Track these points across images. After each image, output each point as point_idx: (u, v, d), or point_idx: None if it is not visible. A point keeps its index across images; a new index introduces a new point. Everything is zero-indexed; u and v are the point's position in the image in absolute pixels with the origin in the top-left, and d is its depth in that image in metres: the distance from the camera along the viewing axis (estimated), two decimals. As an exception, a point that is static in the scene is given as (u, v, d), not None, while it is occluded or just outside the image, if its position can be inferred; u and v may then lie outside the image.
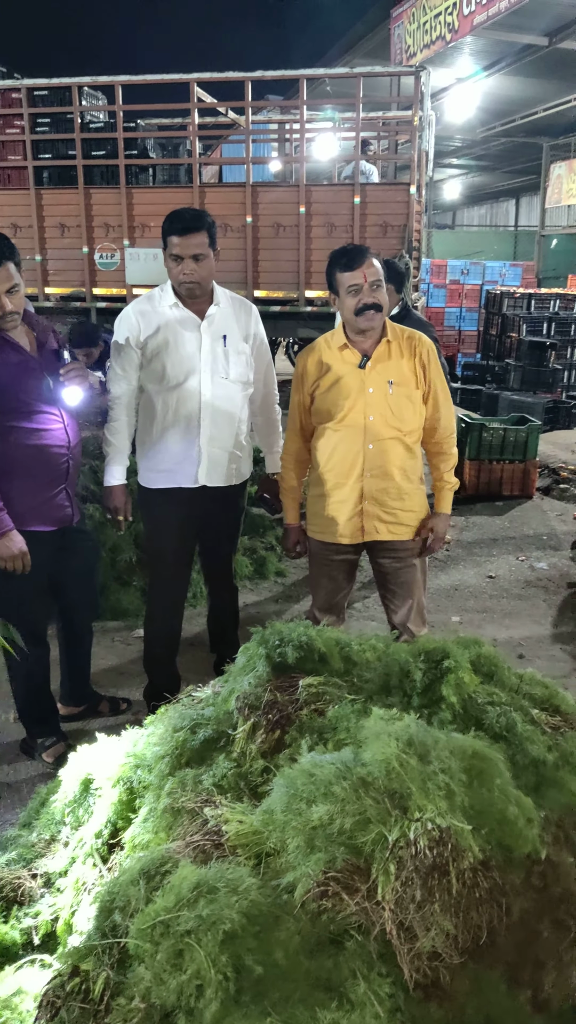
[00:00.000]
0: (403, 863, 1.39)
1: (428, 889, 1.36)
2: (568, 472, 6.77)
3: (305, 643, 1.89)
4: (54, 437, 2.65)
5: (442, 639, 1.85)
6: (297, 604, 4.20)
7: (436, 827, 1.40)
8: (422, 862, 1.37)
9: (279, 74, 8.05)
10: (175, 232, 2.63)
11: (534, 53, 11.85)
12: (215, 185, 8.53)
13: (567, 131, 16.92)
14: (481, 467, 6.02)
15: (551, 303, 10.82)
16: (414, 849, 1.38)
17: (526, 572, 4.75)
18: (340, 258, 2.56)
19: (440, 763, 1.51)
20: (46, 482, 2.67)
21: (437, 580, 4.58)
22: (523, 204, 25.73)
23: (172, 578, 3.02)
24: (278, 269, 7.96)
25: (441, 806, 1.43)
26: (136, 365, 2.83)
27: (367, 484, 2.64)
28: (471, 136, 17.62)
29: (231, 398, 2.84)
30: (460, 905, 1.37)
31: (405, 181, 7.82)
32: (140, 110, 8.41)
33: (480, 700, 1.71)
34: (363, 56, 14.38)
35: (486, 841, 1.44)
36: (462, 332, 12.73)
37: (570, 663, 3.67)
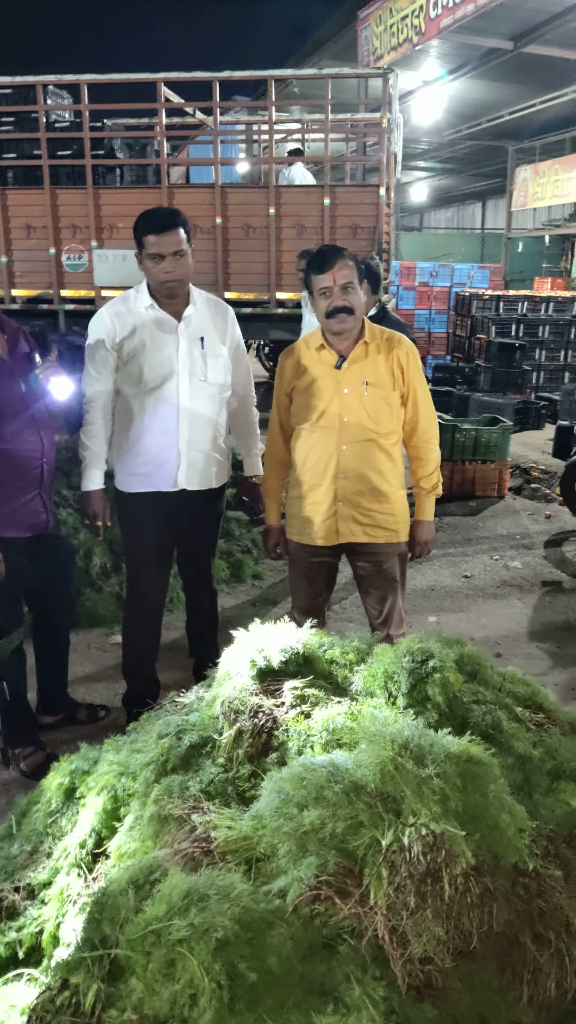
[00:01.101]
0: (396, 868, 1.39)
1: (421, 895, 1.36)
2: (539, 472, 6.86)
3: (289, 646, 1.88)
4: (28, 442, 2.61)
5: (426, 640, 1.86)
6: (275, 607, 4.19)
7: (430, 832, 1.39)
8: (416, 868, 1.37)
9: (247, 74, 8.05)
10: (152, 231, 2.60)
11: (499, 57, 11.99)
12: (184, 186, 8.50)
13: (532, 135, 17.16)
14: (454, 468, 6.07)
15: (519, 305, 10.95)
16: (408, 854, 1.38)
17: (501, 571, 4.80)
18: (314, 260, 2.56)
19: (435, 767, 1.51)
20: (20, 488, 2.63)
21: (413, 581, 4.60)
22: (489, 207, 26.03)
23: (150, 583, 2.99)
24: (248, 271, 7.95)
25: (435, 811, 1.43)
26: (112, 367, 2.80)
27: (341, 485, 2.63)
28: (438, 139, 17.78)
29: (209, 401, 2.82)
30: (452, 911, 1.37)
31: (374, 183, 7.87)
32: (107, 109, 8.33)
33: (465, 699, 1.71)
34: (330, 58, 14.42)
35: (478, 847, 1.44)
36: (432, 334, 12.82)
37: (547, 661, 3.71)
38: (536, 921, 1.43)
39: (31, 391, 2.65)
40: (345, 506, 2.65)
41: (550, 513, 5.85)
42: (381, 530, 2.69)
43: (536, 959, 1.41)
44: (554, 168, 16.33)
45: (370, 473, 2.63)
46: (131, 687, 3.07)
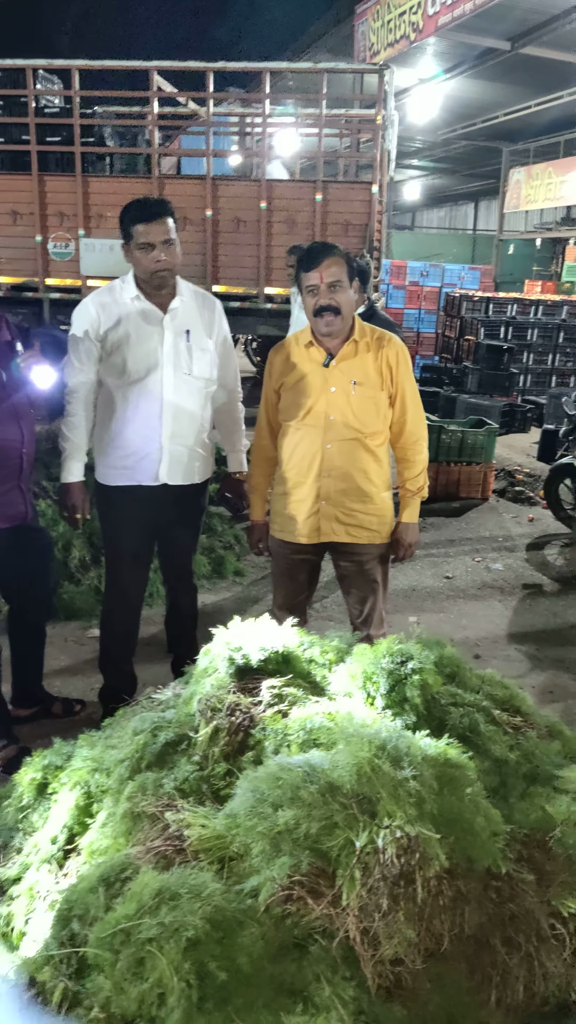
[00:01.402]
0: (369, 870, 1.38)
1: (394, 897, 1.36)
2: (523, 475, 6.89)
3: (268, 644, 1.87)
4: (7, 432, 2.57)
5: (406, 641, 1.86)
6: (256, 604, 4.18)
7: (405, 835, 1.39)
8: (389, 870, 1.37)
9: (242, 66, 8.01)
10: (143, 219, 2.57)
11: (496, 57, 11.98)
12: (175, 177, 8.45)
13: (527, 137, 17.17)
14: (439, 468, 6.08)
15: (508, 307, 10.99)
16: (382, 856, 1.38)
17: (482, 573, 4.81)
18: (304, 256, 2.54)
19: (412, 769, 1.50)
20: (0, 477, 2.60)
21: (395, 581, 4.60)
22: (482, 208, 26.07)
23: (130, 577, 2.97)
24: (238, 264, 7.92)
25: (411, 813, 1.43)
26: (95, 358, 2.76)
27: (324, 484, 2.62)
28: (432, 138, 17.77)
29: (194, 395, 2.79)
30: (424, 914, 1.37)
31: (367, 180, 7.85)
32: (97, 96, 8.25)
33: (443, 701, 1.71)
34: (326, 52, 14.37)
35: (452, 849, 1.44)
36: (420, 334, 12.84)
37: (525, 663, 3.72)
38: (507, 925, 1.44)
39: (11, 380, 2.61)
40: (328, 505, 2.64)
41: (533, 516, 5.88)
42: (364, 530, 2.68)
43: (506, 962, 1.41)
44: (548, 171, 16.37)
45: (354, 473, 2.62)
46: (108, 682, 3.05)
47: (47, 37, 23.13)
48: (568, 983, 1.42)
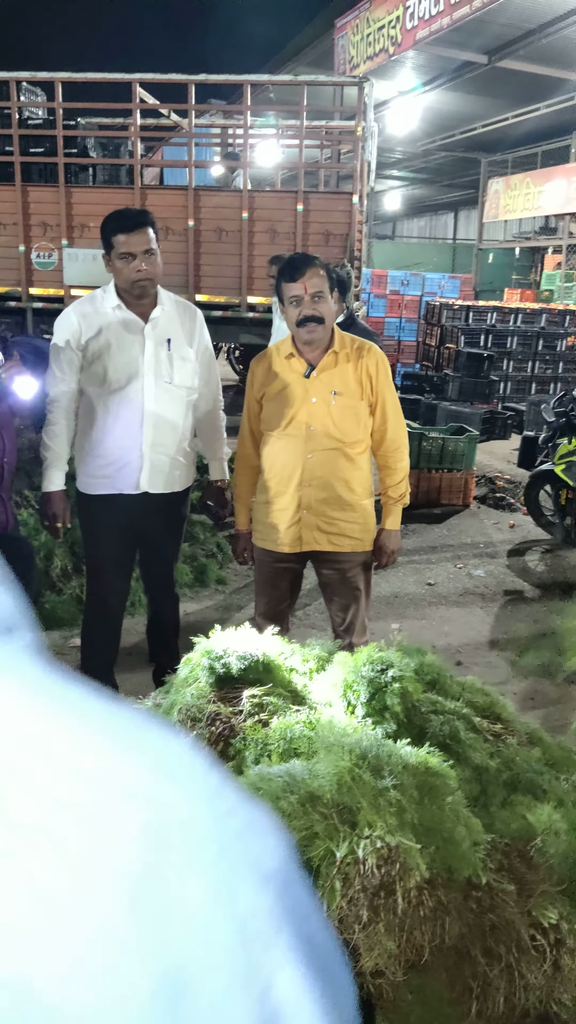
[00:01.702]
0: (350, 881, 1.38)
1: (374, 908, 1.35)
2: (504, 481, 6.94)
3: (249, 653, 1.87)
4: None
5: (387, 648, 1.86)
6: (239, 612, 4.18)
7: (385, 845, 1.39)
8: (369, 880, 1.36)
9: (223, 78, 8.05)
10: (123, 230, 2.58)
11: (474, 70, 12.16)
12: (157, 187, 8.46)
13: (505, 148, 17.43)
14: (420, 476, 6.11)
15: (488, 315, 11.08)
16: (362, 867, 1.37)
17: (464, 580, 4.83)
18: (285, 268, 2.55)
19: (393, 779, 1.50)
20: None
21: (377, 588, 4.61)
22: (462, 218, 26.34)
23: (111, 586, 2.96)
24: (220, 274, 7.94)
25: (391, 823, 1.42)
26: (76, 367, 2.77)
27: (306, 494, 2.63)
28: (412, 149, 17.97)
29: (175, 403, 2.80)
30: (404, 924, 1.37)
31: (348, 191, 7.91)
32: (81, 108, 8.28)
33: (424, 709, 1.72)
34: (307, 65, 14.51)
35: (432, 859, 1.44)
36: (401, 342, 12.92)
37: (507, 669, 3.74)
38: (487, 935, 1.43)
39: (4, 385, 2.62)
40: (309, 514, 2.65)
41: (514, 523, 5.92)
42: (346, 539, 2.69)
43: (486, 973, 1.41)
44: (526, 181, 16.58)
45: (335, 482, 2.63)
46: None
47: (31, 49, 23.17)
48: (549, 994, 1.42)
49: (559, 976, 1.40)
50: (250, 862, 0.33)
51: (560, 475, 5.15)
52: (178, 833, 0.32)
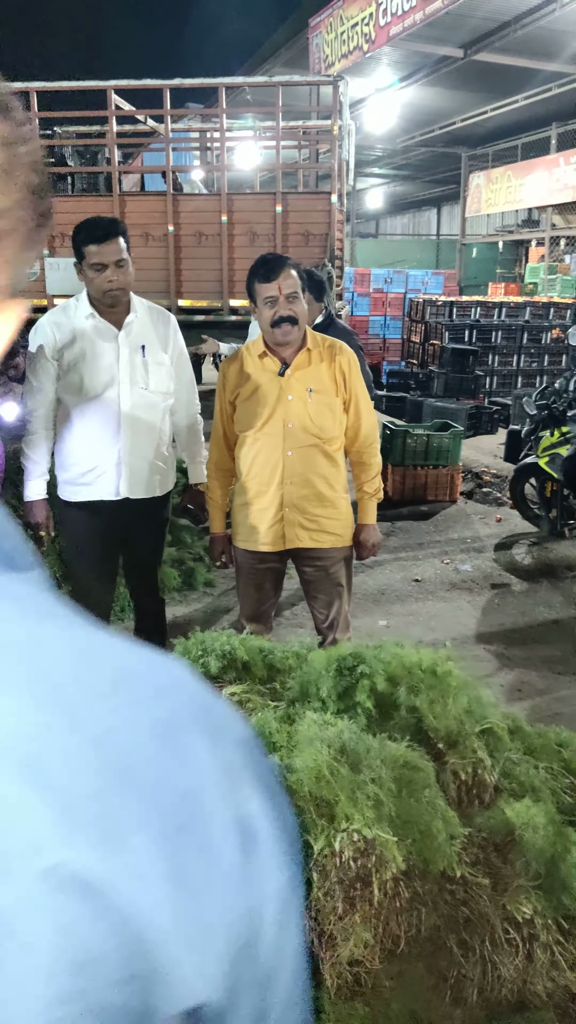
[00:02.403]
0: (326, 873, 1.40)
1: (350, 900, 1.38)
2: (490, 476, 6.97)
3: (228, 652, 1.89)
4: None
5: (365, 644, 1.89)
6: (227, 615, 4.20)
7: (362, 838, 1.41)
8: (345, 873, 1.39)
9: (197, 82, 8.07)
10: (94, 240, 2.61)
11: (450, 64, 12.20)
12: (136, 194, 8.48)
13: (484, 141, 17.47)
14: (406, 473, 6.14)
15: (472, 311, 11.13)
16: (338, 860, 1.40)
17: (451, 575, 4.87)
18: (259, 268, 2.57)
19: (371, 772, 1.52)
20: None
21: (364, 585, 4.65)
22: (444, 213, 26.40)
23: (95, 592, 2.98)
24: (201, 278, 7.96)
25: (368, 816, 1.45)
26: (53, 377, 2.79)
27: (287, 491, 2.65)
28: (391, 146, 18.02)
29: (151, 409, 2.83)
30: (381, 916, 1.39)
31: (326, 190, 7.94)
32: (56, 117, 8.29)
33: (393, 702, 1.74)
34: (283, 65, 14.54)
35: (408, 851, 1.47)
36: (387, 340, 12.96)
37: (493, 663, 3.77)
38: (461, 928, 1.46)
39: None
40: (291, 512, 2.68)
41: (501, 517, 5.96)
42: (327, 535, 2.72)
43: (461, 963, 1.44)
44: (507, 175, 16.64)
45: (315, 479, 2.66)
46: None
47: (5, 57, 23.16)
48: (523, 985, 1.45)
49: (531, 968, 1.42)
50: (225, 725, 0.45)
51: (544, 468, 5.18)
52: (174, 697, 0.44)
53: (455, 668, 1.92)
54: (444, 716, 1.76)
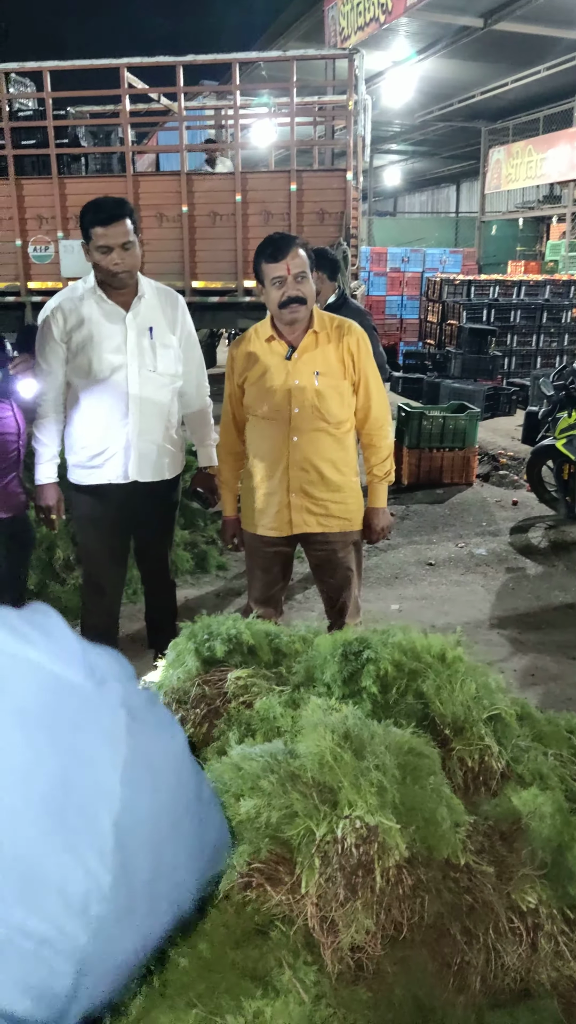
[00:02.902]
0: (328, 859, 1.40)
1: (352, 887, 1.38)
2: (507, 459, 6.90)
3: (233, 636, 1.89)
4: (5, 425, 2.64)
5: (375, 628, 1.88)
6: (239, 598, 4.20)
7: (364, 825, 1.41)
8: (347, 860, 1.39)
9: (210, 58, 7.96)
10: (100, 223, 2.59)
11: (469, 35, 11.94)
12: (149, 174, 8.43)
13: (504, 115, 17.14)
14: (421, 455, 6.10)
15: (491, 290, 10.97)
16: (340, 847, 1.40)
17: (465, 558, 4.84)
18: (266, 248, 2.52)
19: (375, 758, 1.51)
20: (1, 470, 2.67)
21: (377, 569, 4.63)
22: (464, 190, 26.01)
23: (105, 575, 3.00)
24: (216, 259, 7.90)
25: (371, 803, 1.44)
26: (62, 360, 2.79)
27: (293, 476, 2.63)
28: (409, 121, 17.73)
29: (159, 391, 2.82)
30: (383, 903, 1.39)
31: (342, 168, 7.83)
32: (70, 97, 8.23)
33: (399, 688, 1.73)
34: (298, 39, 14.32)
35: (412, 838, 1.46)
36: (404, 320, 12.82)
37: (507, 647, 3.75)
38: (464, 916, 1.45)
39: (10, 381, 2.70)
40: (298, 497, 2.66)
41: (517, 500, 5.90)
42: (335, 519, 2.70)
43: (465, 951, 1.43)
44: (528, 149, 16.34)
45: (322, 463, 2.64)
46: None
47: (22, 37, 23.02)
48: (527, 974, 1.44)
49: (536, 958, 1.41)
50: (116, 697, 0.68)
51: (561, 450, 5.12)
52: None
53: (464, 653, 1.90)
54: (451, 702, 1.75)
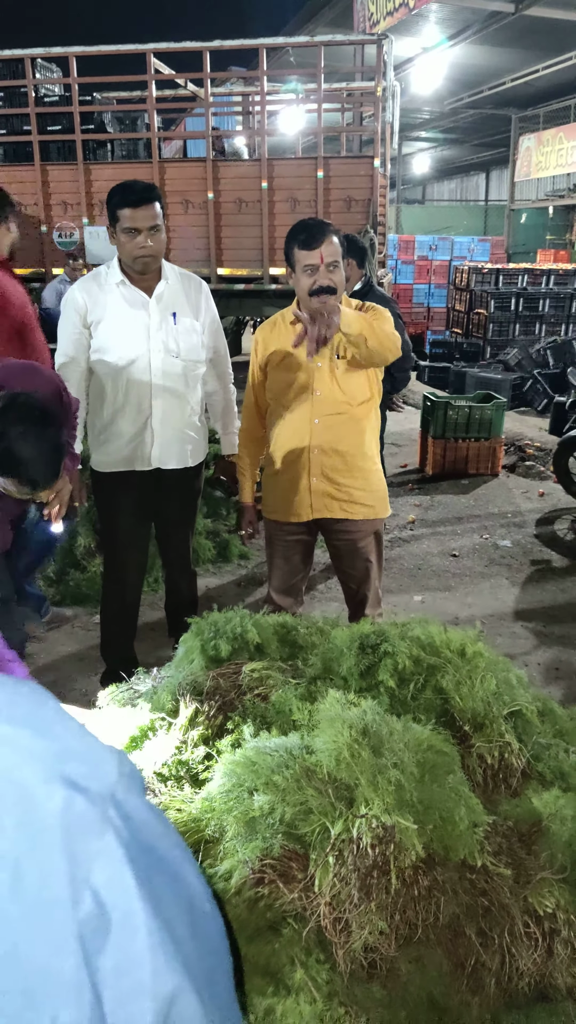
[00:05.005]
0: (343, 858, 1.37)
1: (366, 888, 1.35)
2: (534, 449, 6.80)
3: (239, 635, 1.86)
4: None
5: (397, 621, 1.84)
6: (260, 587, 4.18)
7: (380, 824, 1.37)
8: (362, 860, 1.35)
9: (238, 43, 7.89)
10: (129, 204, 2.55)
11: (500, 21, 11.73)
12: (175, 160, 8.38)
13: (535, 102, 16.84)
14: (447, 445, 6.02)
15: (519, 278, 10.81)
16: (356, 846, 1.36)
17: (490, 550, 4.77)
18: (299, 233, 2.45)
19: (393, 756, 1.48)
20: None
21: (400, 560, 4.58)
22: (493, 178, 25.64)
23: (127, 563, 2.98)
24: (241, 246, 7.86)
25: (389, 801, 1.40)
26: (85, 346, 2.77)
27: (315, 460, 2.60)
28: (439, 108, 17.48)
29: (183, 377, 2.79)
30: (398, 904, 1.36)
31: (369, 155, 7.73)
32: (96, 83, 8.20)
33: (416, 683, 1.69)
34: (327, 24, 14.14)
35: (429, 838, 1.42)
36: (431, 309, 12.68)
37: (531, 640, 3.69)
38: (480, 918, 1.42)
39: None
40: (320, 481, 2.62)
41: (543, 491, 5.81)
42: (358, 506, 2.67)
43: (480, 953, 1.40)
44: (559, 136, 16.05)
45: (344, 447, 2.60)
46: (109, 666, 3.07)
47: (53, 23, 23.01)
48: (543, 978, 1.40)
49: (552, 963, 1.37)
50: (77, 781, 0.45)
51: (588, 440, 5.02)
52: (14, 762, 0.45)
53: (484, 648, 1.86)
54: (471, 697, 1.71)
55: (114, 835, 0.44)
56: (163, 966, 0.41)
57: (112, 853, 0.42)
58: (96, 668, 3.29)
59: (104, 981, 0.39)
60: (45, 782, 0.44)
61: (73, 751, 0.48)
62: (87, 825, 0.43)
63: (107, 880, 0.41)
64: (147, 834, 0.47)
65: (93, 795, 0.45)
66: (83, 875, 0.40)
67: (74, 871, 0.40)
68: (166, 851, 0.46)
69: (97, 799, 0.45)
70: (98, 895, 0.40)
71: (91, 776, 0.46)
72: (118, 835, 0.44)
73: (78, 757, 0.48)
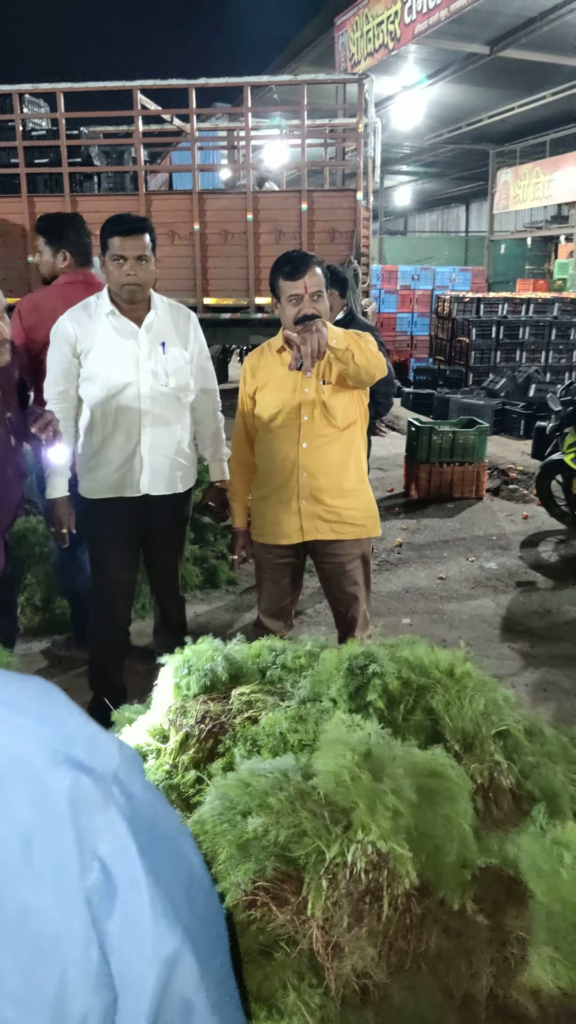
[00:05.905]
0: (336, 882, 1.37)
1: (358, 914, 1.34)
2: (517, 473, 6.88)
3: (208, 671, 1.86)
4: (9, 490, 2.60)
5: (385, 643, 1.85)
6: (249, 613, 4.18)
7: (375, 850, 1.37)
8: (355, 885, 1.35)
9: (223, 81, 8.06)
10: (119, 233, 2.62)
11: (477, 61, 12.06)
12: (162, 193, 8.51)
13: (511, 138, 17.27)
14: (432, 470, 6.08)
15: (499, 307, 11.00)
16: (350, 871, 1.36)
17: (476, 572, 4.80)
18: (284, 265, 2.53)
19: (392, 781, 1.46)
20: None
21: (388, 583, 4.61)
22: (473, 210, 26.16)
23: (116, 590, 2.98)
24: (228, 276, 7.96)
25: (385, 827, 1.39)
26: (74, 375, 2.80)
27: (303, 483, 2.64)
28: (419, 143, 17.87)
29: (171, 405, 2.82)
30: (388, 932, 1.35)
31: (352, 188, 7.89)
32: (83, 117, 8.35)
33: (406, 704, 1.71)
34: (309, 64, 14.49)
35: (424, 866, 1.41)
36: (414, 337, 12.86)
37: (518, 661, 3.71)
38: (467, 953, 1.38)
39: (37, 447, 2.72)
40: (309, 503, 2.66)
41: (527, 514, 5.87)
42: (348, 526, 2.70)
43: (469, 983, 1.38)
44: (535, 170, 16.44)
45: (332, 470, 2.65)
46: (96, 693, 3.05)
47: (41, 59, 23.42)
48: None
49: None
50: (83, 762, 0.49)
51: (570, 464, 5.09)
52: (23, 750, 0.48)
53: (472, 668, 1.87)
54: (460, 718, 1.72)
55: (118, 811, 0.47)
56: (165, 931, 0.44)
57: (117, 827, 0.45)
58: (84, 697, 3.27)
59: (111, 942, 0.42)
60: (53, 764, 0.47)
61: (78, 736, 0.51)
62: (93, 802, 0.46)
63: (113, 851, 0.44)
64: (148, 811, 0.51)
65: (98, 775, 0.48)
66: (90, 847, 0.43)
67: (82, 843, 0.43)
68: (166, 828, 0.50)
69: (101, 779, 0.48)
70: (105, 865, 0.43)
71: (95, 758, 0.50)
72: (121, 811, 0.47)
73: (83, 741, 0.51)
